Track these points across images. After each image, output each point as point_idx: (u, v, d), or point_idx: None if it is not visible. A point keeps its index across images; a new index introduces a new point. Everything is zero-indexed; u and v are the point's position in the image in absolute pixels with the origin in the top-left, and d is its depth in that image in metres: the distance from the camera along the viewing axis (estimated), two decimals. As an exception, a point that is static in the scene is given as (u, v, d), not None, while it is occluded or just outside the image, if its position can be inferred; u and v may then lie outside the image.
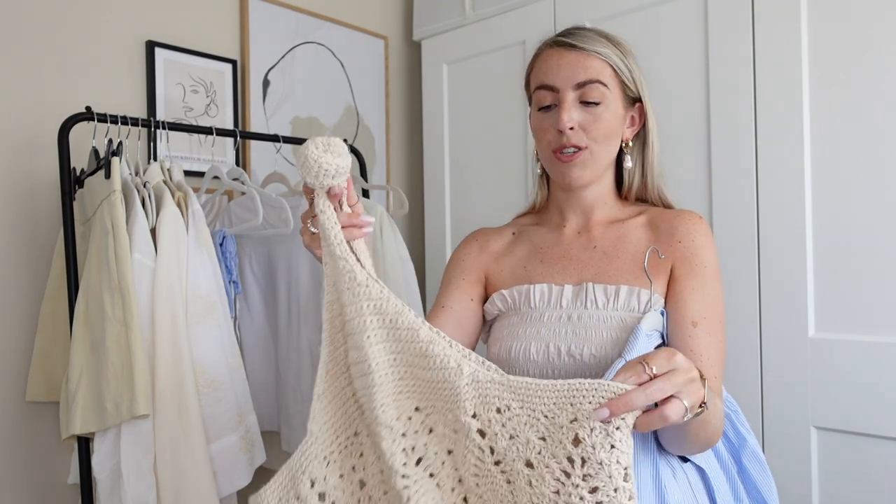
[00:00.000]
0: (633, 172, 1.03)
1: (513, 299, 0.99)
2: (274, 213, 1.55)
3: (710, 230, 0.97)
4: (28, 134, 1.48)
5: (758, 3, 1.45)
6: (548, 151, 0.97)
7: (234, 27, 1.87)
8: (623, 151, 1.01)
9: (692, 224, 0.96)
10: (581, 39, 0.95)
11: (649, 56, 1.63)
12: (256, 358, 1.65)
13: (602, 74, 0.94)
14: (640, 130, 1.02)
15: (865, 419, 1.32)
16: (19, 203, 1.47)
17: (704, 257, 0.93)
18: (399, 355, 0.71)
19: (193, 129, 1.52)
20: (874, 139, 1.32)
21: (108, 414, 1.16)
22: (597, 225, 1.01)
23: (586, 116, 0.94)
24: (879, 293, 1.31)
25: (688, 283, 0.92)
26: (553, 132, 0.95)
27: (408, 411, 0.71)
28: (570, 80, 0.94)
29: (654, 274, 0.94)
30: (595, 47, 0.94)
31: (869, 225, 1.33)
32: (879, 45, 1.32)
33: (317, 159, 0.71)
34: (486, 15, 2.00)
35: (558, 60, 0.95)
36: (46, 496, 1.50)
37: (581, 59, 0.94)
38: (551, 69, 0.96)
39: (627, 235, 0.99)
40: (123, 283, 1.18)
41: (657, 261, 0.95)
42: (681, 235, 0.95)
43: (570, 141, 0.93)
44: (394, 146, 2.34)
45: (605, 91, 0.94)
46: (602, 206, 1.02)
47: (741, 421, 0.98)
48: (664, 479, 0.85)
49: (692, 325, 0.89)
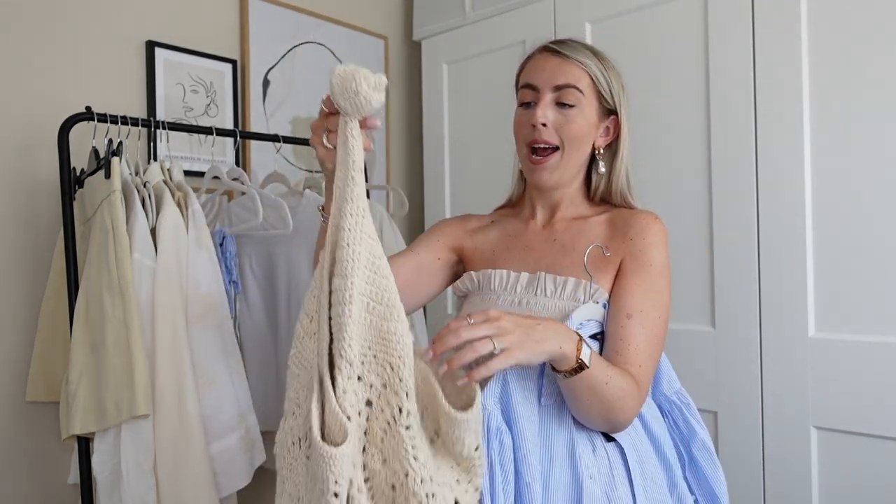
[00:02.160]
0: (600, 178, 1.09)
1: (478, 281, 1.08)
2: (274, 213, 1.55)
3: (664, 228, 1.02)
4: (28, 134, 1.48)
5: (758, 3, 1.45)
6: (523, 147, 1.05)
7: (234, 27, 1.87)
8: (596, 158, 1.07)
9: (645, 223, 1.01)
10: (566, 48, 1.03)
11: (649, 56, 1.63)
12: (256, 358, 1.65)
13: (580, 81, 1.01)
14: (613, 141, 1.08)
15: (865, 419, 1.32)
16: (19, 203, 1.47)
17: (651, 255, 0.99)
18: (371, 298, 0.73)
19: (193, 129, 1.52)
20: (874, 139, 1.32)
21: (108, 414, 1.16)
22: (560, 220, 1.08)
23: (559, 117, 1.01)
24: (879, 293, 1.31)
25: (631, 278, 0.98)
26: (528, 127, 1.03)
27: (366, 355, 0.73)
28: (549, 81, 1.02)
29: (601, 269, 1.00)
30: (577, 56, 1.02)
31: (869, 225, 1.33)
32: (880, 46, 1.32)
33: (367, 96, 0.74)
34: (486, 15, 2.00)
35: (543, 64, 1.04)
36: (46, 496, 1.50)
37: (563, 65, 1.02)
38: (536, 70, 1.04)
39: (586, 231, 1.05)
40: (123, 283, 1.18)
41: (604, 257, 1.00)
42: (633, 233, 1.00)
43: (542, 137, 1.01)
44: (394, 146, 2.34)
45: (580, 97, 1.01)
46: (568, 204, 1.09)
47: (693, 413, 1.05)
48: (579, 453, 0.92)
49: (626, 317, 0.95)
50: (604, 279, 0.99)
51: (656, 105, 1.62)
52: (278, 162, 1.78)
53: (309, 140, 0.85)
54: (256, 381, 1.63)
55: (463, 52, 2.07)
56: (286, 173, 1.74)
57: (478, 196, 2.04)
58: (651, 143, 1.62)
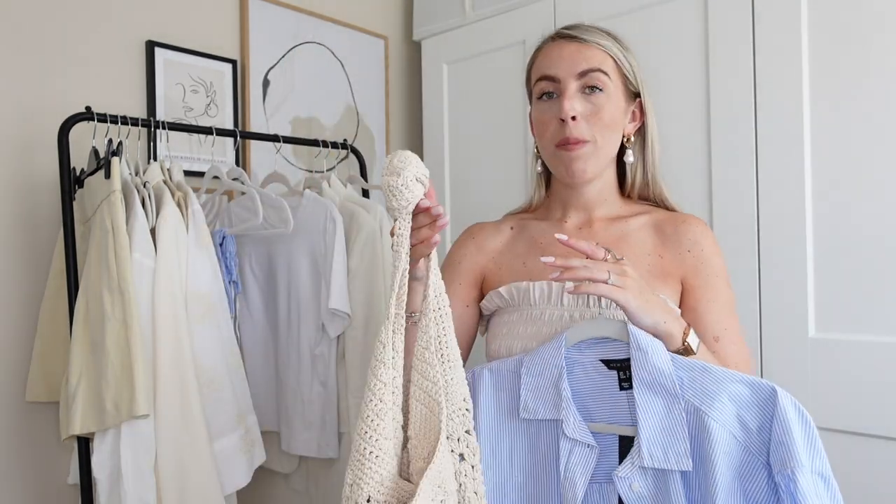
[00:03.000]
0: (634, 169, 1.03)
1: (511, 296, 0.98)
2: (274, 213, 1.55)
3: (714, 235, 0.98)
4: (28, 134, 1.48)
5: (758, 3, 1.45)
6: (550, 146, 0.96)
7: (234, 27, 1.87)
8: (625, 147, 1.01)
9: (699, 233, 0.96)
10: (582, 32, 0.96)
11: (649, 56, 1.63)
12: (256, 358, 1.65)
13: (604, 64, 0.94)
14: (640, 127, 1.02)
15: (865, 419, 1.31)
16: (19, 203, 1.47)
17: (715, 265, 0.94)
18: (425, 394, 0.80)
19: (193, 129, 1.52)
20: (874, 139, 1.32)
21: (107, 414, 1.16)
22: (598, 221, 1.01)
23: (588, 107, 0.94)
24: (879, 293, 1.31)
25: (703, 296, 0.93)
26: (555, 124, 0.95)
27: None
28: (571, 69, 0.94)
29: (660, 277, 0.94)
30: (596, 39, 0.95)
31: (869, 225, 1.32)
32: (880, 46, 1.32)
33: (388, 186, 0.76)
34: (486, 15, 2.00)
35: (560, 52, 0.96)
36: (46, 496, 1.50)
37: (583, 50, 0.94)
38: (553, 60, 0.96)
39: (630, 235, 0.98)
40: (123, 282, 1.18)
41: (662, 265, 0.95)
42: (689, 245, 0.95)
43: (573, 133, 0.93)
44: (394, 146, 2.34)
45: (606, 80, 0.94)
46: (604, 203, 1.01)
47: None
48: None
49: (714, 341, 0.90)
50: (665, 288, 0.93)
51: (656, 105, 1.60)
52: (278, 162, 1.78)
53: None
54: (256, 381, 1.63)
55: (463, 52, 2.07)
56: (286, 173, 1.74)
57: (478, 196, 2.04)
58: (651, 143, 1.62)
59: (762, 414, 0.75)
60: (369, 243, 1.55)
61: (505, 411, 0.88)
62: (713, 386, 0.77)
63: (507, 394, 0.89)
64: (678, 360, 0.80)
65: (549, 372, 0.85)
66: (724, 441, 0.75)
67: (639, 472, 0.79)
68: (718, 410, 0.76)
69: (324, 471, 1.62)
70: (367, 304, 1.54)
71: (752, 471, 0.74)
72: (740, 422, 0.76)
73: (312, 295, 1.56)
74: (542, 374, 0.86)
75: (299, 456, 1.65)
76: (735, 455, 0.75)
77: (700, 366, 0.78)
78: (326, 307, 1.49)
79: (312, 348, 1.56)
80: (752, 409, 0.76)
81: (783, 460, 0.72)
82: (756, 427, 0.75)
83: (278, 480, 1.73)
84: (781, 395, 0.75)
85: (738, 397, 0.76)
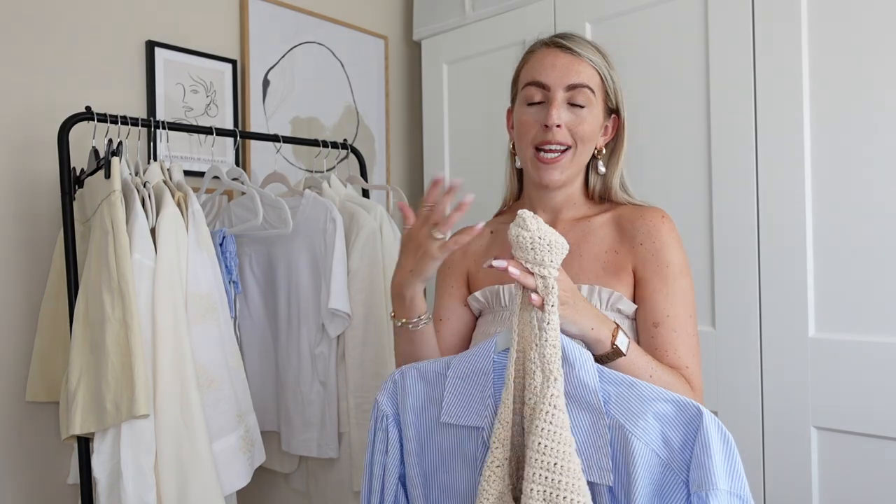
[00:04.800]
0: (595, 178, 1.07)
1: (486, 299, 1.04)
2: (274, 213, 1.55)
3: (673, 226, 0.99)
4: (28, 134, 1.48)
5: (758, 3, 1.45)
6: (530, 148, 1.00)
7: (234, 27, 1.87)
8: (595, 157, 1.05)
9: (652, 224, 0.98)
10: (576, 44, 1.00)
11: (649, 56, 1.63)
12: (256, 358, 1.65)
13: (591, 81, 0.99)
14: (610, 140, 1.06)
15: (865, 419, 1.31)
16: (19, 203, 1.47)
17: (666, 256, 0.96)
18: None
19: (193, 129, 1.52)
20: (874, 139, 1.32)
21: (107, 414, 1.16)
22: (563, 222, 1.05)
23: (572, 117, 0.98)
24: (879, 293, 1.31)
25: (650, 285, 0.95)
26: (538, 128, 0.99)
27: None
28: (562, 80, 0.98)
29: (614, 274, 0.97)
30: (588, 54, 0.99)
31: (869, 225, 1.32)
32: (880, 46, 1.32)
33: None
34: (486, 15, 2.00)
35: (553, 60, 0.99)
36: (46, 496, 1.50)
37: (575, 63, 0.98)
38: (545, 68, 0.99)
39: (591, 234, 1.02)
40: (123, 283, 1.18)
41: (616, 261, 0.98)
42: (642, 237, 0.97)
43: (556, 138, 0.97)
44: (394, 146, 2.34)
45: (591, 97, 0.98)
46: (571, 206, 1.06)
47: None
48: None
49: (653, 326, 0.93)
50: (618, 284, 0.96)
51: (656, 105, 1.62)
52: (278, 162, 1.78)
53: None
54: (256, 381, 1.63)
55: (463, 52, 2.07)
56: (286, 173, 1.74)
57: (478, 196, 2.03)
58: (651, 143, 1.62)
59: (685, 433, 0.75)
60: (369, 243, 1.55)
61: (434, 412, 0.88)
62: (638, 404, 0.77)
63: (435, 394, 0.88)
64: (606, 374, 0.79)
65: (476, 377, 0.85)
66: (646, 458, 0.75)
67: None
68: (642, 429, 0.76)
69: (324, 471, 1.62)
70: (367, 304, 1.54)
71: (671, 488, 0.75)
72: (664, 439, 0.75)
73: (312, 295, 1.56)
74: (468, 378, 0.85)
75: (299, 456, 1.65)
76: (656, 472, 0.75)
77: (628, 381, 0.78)
78: (326, 307, 1.49)
79: (312, 348, 1.56)
80: (677, 428, 0.75)
81: (699, 481, 0.72)
82: (679, 445, 0.75)
83: (278, 480, 1.73)
84: (707, 416, 0.74)
85: (664, 416, 0.76)
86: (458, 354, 0.89)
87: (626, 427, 0.76)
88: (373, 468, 0.91)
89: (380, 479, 0.90)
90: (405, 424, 0.89)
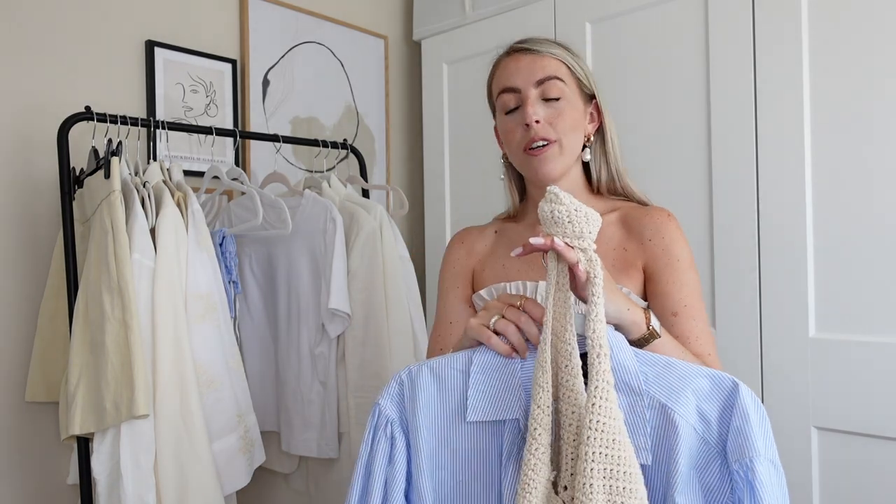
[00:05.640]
0: (598, 167, 1.07)
1: (491, 297, 1.03)
2: (274, 213, 1.55)
3: (678, 224, 1.01)
4: (28, 134, 1.48)
5: (758, 3, 1.45)
6: (518, 151, 1.02)
7: (234, 27, 1.87)
8: (585, 146, 1.05)
9: (660, 222, 1.00)
10: (535, 44, 1.02)
11: (649, 56, 1.63)
12: (256, 358, 1.65)
13: (558, 71, 1.00)
14: (598, 126, 1.07)
15: (865, 419, 1.31)
16: (19, 203, 1.47)
17: (675, 251, 0.97)
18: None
19: (193, 129, 1.52)
20: (874, 139, 1.32)
21: (107, 414, 1.16)
22: None
23: (550, 111, 0.99)
24: (879, 293, 1.31)
25: (663, 278, 0.97)
26: (521, 130, 1.00)
27: None
28: (529, 79, 1.00)
29: (623, 270, 0.98)
30: (548, 49, 1.01)
31: (869, 225, 1.32)
32: (880, 45, 1.32)
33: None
34: (486, 15, 2.00)
35: (516, 64, 1.02)
36: (46, 496, 1.50)
37: (537, 60, 1.01)
38: (511, 72, 1.02)
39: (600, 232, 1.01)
40: (123, 283, 1.18)
41: (625, 258, 0.99)
42: (650, 234, 0.99)
43: (539, 134, 0.98)
44: (394, 146, 2.34)
45: (562, 87, 1.00)
46: None
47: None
48: None
49: (672, 316, 0.94)
50: (628, 280, 0.97)
51: (656, 105, 1.62)
52: (278, 162, 1.78)
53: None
54: (256, 381, 1.63)
55: (463, 52, 2.07)
56: (286, 173, 1.74)
57: (478, 196, 2.04)
58: (651, 142, 1.62)
59: (723, 406, 0.76)
60: (369, 243, 1.55)
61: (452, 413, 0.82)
62: (678, 382, 0.77)
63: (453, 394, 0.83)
64: (642, 355, 0.79)
65: (502, 368, 0.82)
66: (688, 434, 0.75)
67: None
68: (683, 405, 0.76)
69: (324, 471, 1.62)
70: (367, 304, 1.54)
71: (707, 461, 0.75)
72: (699, 414, 0.76)
73: (312, 295, 1.56)
74: (493, 371, 0.82)
75: (299, 456, 1.65)
76: (694, 447, 0.75)
77: (664, 361, 0.79)
78: (326, 307, 1.49)
79: (312, 348, 1.56)
80: (713, 402, 0.76)
81: (741, 449, 0.73)
82: (715, 418, 0.76)
83: (278, 480, 1.73)
84: (742, 387, 0.76)
85: (700, 391, 0.77)
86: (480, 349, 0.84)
87: (668, 406, 0.76)
88: (370, 481, 0.80)
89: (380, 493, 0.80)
90: (415, 432, 0.81)
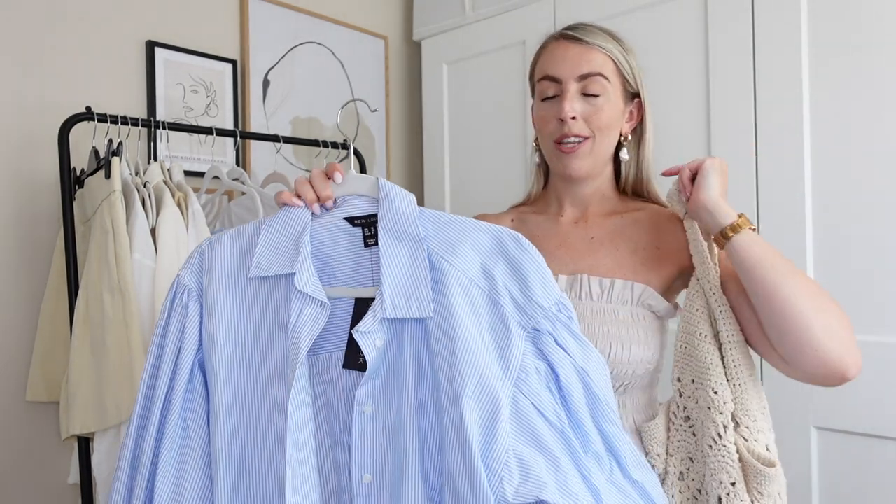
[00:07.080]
0: (629, 166, 1.05)
1: None
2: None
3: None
4: (28, 134, 1.48)
5: (758, 3, 1.45)
6: (549, 142, 0.99)
7: (234, 27, 1.87)
8: (621, 144, 1.03)
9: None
10: (585, 33, 0.98)
11: (649, 56, 1.63)
12: (256, 358, 1.65)
13: (604, 68, 0.96)
14: (637, 126, 1.04)
15: (865, 419, 1.32)
16: (19, 203, 1.47)
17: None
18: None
19: (193, 129, 1.52)
20: (874, 138, 1.32)
21: (108, 414, 1.16)
22: (594, 215, 1.03)
23: (587, 108, 0.96)
24: (879, 293, 1.31)
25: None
26: (555, 122, 0.97)
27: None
28: (573, 71, 0.96)
29: (653, 269, 0.96)
30: (598, 42, 0.97)
31: (869, 225, 1.33)
32: (879, 44, 1.32)
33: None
34: (486, 15, 2.00)
35: (563, 53, 0.98)
36: (46, 496, 1.50)
37: (585, 53, 0.96)
38: (556, 61, 0.98)
39: (625, 229, 1.00)
40: (123, 283, 1.18)
41: (654, 256, 0.97)
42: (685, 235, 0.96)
43: (572, 131, 0.95)
44: (394, 146, 2.34)
45: (605, 84, 0.96)
46: (600, 199, 1.04)
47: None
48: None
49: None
50: (656, 279, 0.95)
51: (656, 105, 1.60)
52: (278, 162, 1.78)
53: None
54: (256, 381, 1.63)
55: (463, 52, 2.07)
56: (286, 173, 1.74)
57: (478, 196, 2.04)
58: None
59: (508, 263, 0.76)
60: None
61: (242, 275, 0.81)
62: (456, 234, 0.77)
63: (248, 255, 0.81)
64: (425, 211, 0.79)
65: (291, 228, 0.81)
66: (466, 289, 0.75)
67: (380, 326, 0.75)
68: (461, 258, 0.75)
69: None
70: (368, 304, 1.54)
71: (495, 318, 0.74)
72: (483, 271, 0.76)
73: (312, 295, 1.55)
74: (283, 231, 0.81)
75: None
76: (481, 305, 0.75)
77: (447, 218, 0.78)
78: (326, 307, 1.49)
79: (312, 348, 1.56)
80: (496, 258, 0.76)
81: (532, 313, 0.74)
82: (501, 276, 0.76)
83: (278, 480, 1.73)
84: (508, 236, 0.76)
85: (481, 246, 0.77)
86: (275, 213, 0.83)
87: (445, 258, 0.76)
88: (163, 350, 0.78)
89: (171, 361, 0.78)
90: (209, 299, 0.79)
